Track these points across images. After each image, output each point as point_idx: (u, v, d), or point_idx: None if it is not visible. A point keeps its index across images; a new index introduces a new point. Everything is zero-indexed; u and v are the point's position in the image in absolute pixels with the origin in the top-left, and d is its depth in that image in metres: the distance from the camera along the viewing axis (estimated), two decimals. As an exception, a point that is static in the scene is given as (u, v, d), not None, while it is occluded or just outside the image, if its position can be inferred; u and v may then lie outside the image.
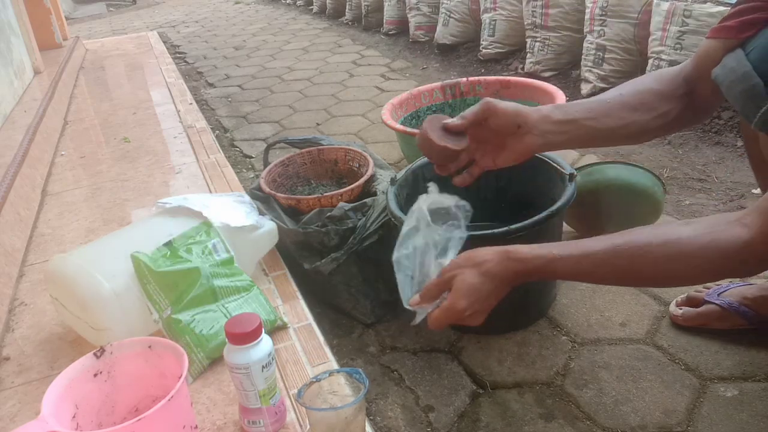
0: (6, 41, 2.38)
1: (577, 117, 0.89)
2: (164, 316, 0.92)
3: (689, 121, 0.94)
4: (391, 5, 3.45)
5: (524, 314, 1.10)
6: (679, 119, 0.91)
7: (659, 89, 0.90)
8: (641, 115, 0.90)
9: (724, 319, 1.01)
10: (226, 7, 5.83)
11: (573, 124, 0.89)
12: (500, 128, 0.89)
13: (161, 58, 3.32)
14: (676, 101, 0.89)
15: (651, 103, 0.90)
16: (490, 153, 0.93)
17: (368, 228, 1.15)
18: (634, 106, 0.90)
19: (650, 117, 0.90)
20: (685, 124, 0.95)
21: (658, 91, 0.90)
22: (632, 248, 0.75)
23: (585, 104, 0.91)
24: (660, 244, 0.74)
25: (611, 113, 0.89)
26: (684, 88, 0.89)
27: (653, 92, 0.90)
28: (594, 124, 0.89)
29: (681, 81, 0.90)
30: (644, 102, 0.90)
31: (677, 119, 0.91)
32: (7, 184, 1.48)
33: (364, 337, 1.13)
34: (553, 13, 2.32)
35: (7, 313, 1.13)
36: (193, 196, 1.13)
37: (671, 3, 1.81)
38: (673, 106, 0.90)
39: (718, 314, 1.01)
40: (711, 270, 0.73)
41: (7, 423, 0.87)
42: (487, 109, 0.88)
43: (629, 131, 0.90)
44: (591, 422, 0.89)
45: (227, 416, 0.85)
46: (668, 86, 0.90)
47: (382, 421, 0.94)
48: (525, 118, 0.87)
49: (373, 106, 2.41)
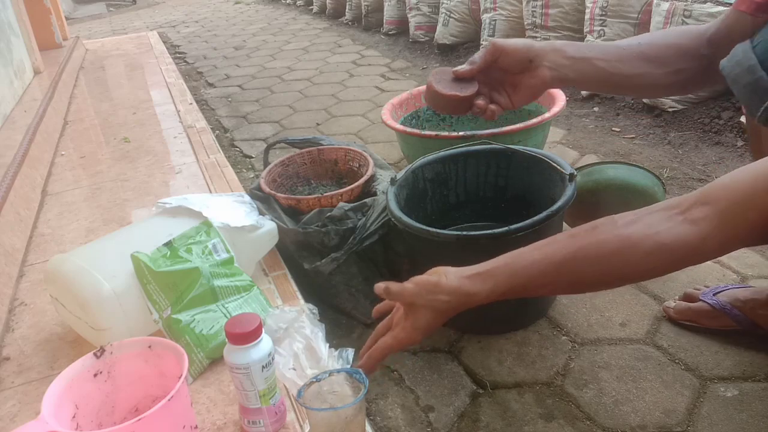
0: (6, 41, 2.38)
1: (589, 56, 0.86)
2: (164, 316, 0.92)
3: (703, 83, 0.91)
4: (391, 5, 3.45)
5: (524, 314, 1.10)
6: (694, 80, 0.89)
7: (680, 44, 0.87)
8: (655, 68, 0.87)
9: (713, 319, 1.01)
10: (226, 7, 5.83)
11: (585, 62, 0.86)
12: (512, 66, 0.86)
13: (161, 58, 3.32)
14: (695, 60, 0.87)
15: (667, 59, 0.87)
16: (506, 94, 0.89)
17: (368, 228, 1.15)
18: (649, 57, 0.87)
19: (664, 72, 0.87)
20: (697, 86, 0.92)
21: (678, 45, 0.87)
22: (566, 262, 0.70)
23: (599, 46, 0.88)
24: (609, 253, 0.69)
25: (624, 59, 0.87)
26: (706, 48, 0.86)
27: (673, 47, 0.87)
28: (606, 66, 0.86)
29: (705, 41, 0.87)
30: (660, 56, 0.87)
31: (691, 80, 0.88)
32: (7, 184, 1.48)
33: (364, 337, 1.12)
34: (553, 13, 2.32)
35: (7, 313, 1.13)
36: (193, 196, 1.13)
37: (671, 3, 1.81)
38: (691, 66, 0.87)
39: (708, 313, 1.02)
40: (661, 270, 0.69)
41: (7, 423, 0.87)
42: (496, 50, 0.85)
43: (640, 82, 0.88)
44: (591, 422, 0.89)
45: (227, 416, 0.85)
46: (691, 42, 0.87)
47: (382, 421, 0.94)
48: (537, 51, 0.85)
49: (373, 106, 2.41)
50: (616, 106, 2.10)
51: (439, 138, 1.49)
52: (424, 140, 1.53)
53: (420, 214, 1.22)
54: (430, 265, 1.11)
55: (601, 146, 1.84)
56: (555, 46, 0.86)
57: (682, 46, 0.87)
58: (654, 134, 1.86)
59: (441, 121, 1.88)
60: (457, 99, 0.86)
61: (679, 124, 1.86)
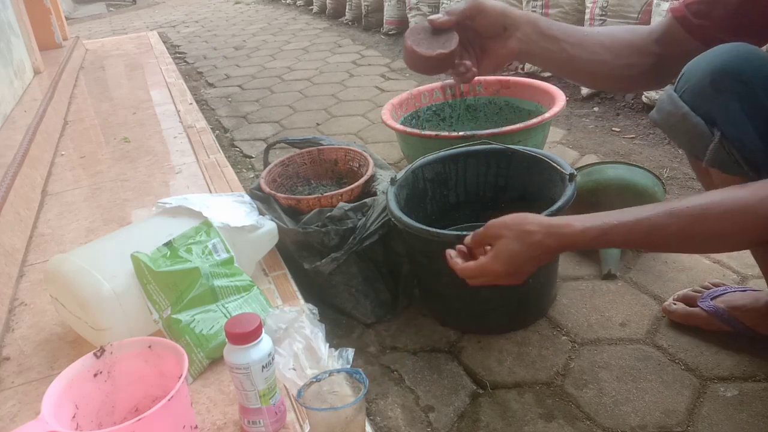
0: (6, 41, 2.38)
1: (557, 36, 0.87)
2: (164, 316, 0.92)
3: (652, 80, 0.93)
4: (391, 5, 3.45)
5: (524, 314, 1.10)
6: (645, 76, 0.91)
7: (633, 39, 0.90)
8: (611, 57, 0.89)
9: (709, 324, 1.02)
10: (226, 7, 5.83)
11: (552, 41, 0.86)
12: (486, 29, 0.85)
13: (161, 58, 3.32)
14: (645, 57, 0.89)
15: (622, 50, 0.89)
16: (474, 58, 0.88)
17: (368, 228, 1.15)
18: (607, 46, 0.89)
19: (619, 63, 0.89)
20: (648, 83, 0.96)
21: (631, 41, 0.89)
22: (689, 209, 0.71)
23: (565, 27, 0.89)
24: (717, 202, 0.70)
25: (585, 44, 0.88)
26: (655, 48, 0.88)
27: (627, 41, 0.90)
28: (568, 48, 0.87)
29: (652, 42, 0.89)
30: (615, 47, 0.89)
31: (642, 75, 0.90)
32: (7, 184, 1.48)
33: (364, 337, 1.13)
34: (553, 13, 2.32)
35: (7, 313, 1.13)
36: (193, 196, 1.13)
37: (671, 3, 1.81)
38: (642, 61, 0.89)
39: (704, 319, 1.02)
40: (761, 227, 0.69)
41: (7, 423, 0.87)
42: (475, 6, 0.84)
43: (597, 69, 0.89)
44: (591, 422, 0.89)
45: (227, 416, 0.85)
46: (642, 40, 0.89)
47: (382, 421, 0.94)
48: (513, 19, 0.85)
49: (373, 106, 2.41)
50: (616, 106, 2.10)
51: (439, 138, 1.49)
52: (424, 140, 1.53)
53: (420, 214, 1.22)
54: (430, 265, 1.11)
55: (601, 146, 1.84)
56: (529, 18, 0.86)
57: (634, 42, 0.89)
58: (654, 134, 1.86)
59: (441, 121, 1.88)
60: (441, 56, 0.83)
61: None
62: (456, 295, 1.07)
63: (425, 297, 1.17)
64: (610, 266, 1.18)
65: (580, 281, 1.20)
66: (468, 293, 1.05)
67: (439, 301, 1.13)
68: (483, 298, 1.04)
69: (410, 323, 1.15)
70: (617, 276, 1.19)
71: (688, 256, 1.24)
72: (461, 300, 1.07)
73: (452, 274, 0.84)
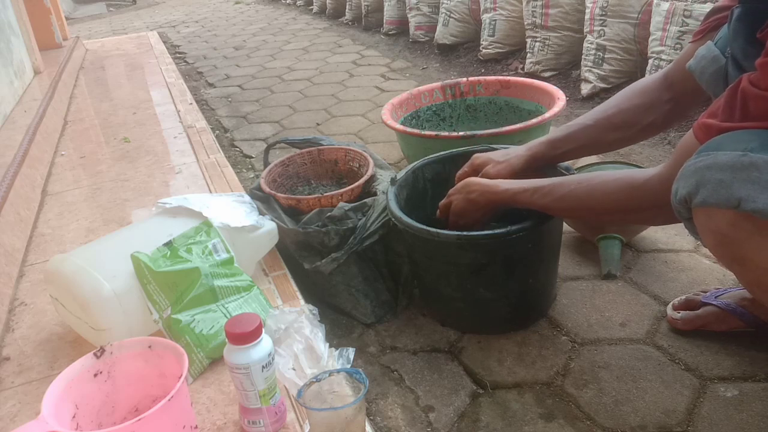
0: (6, 41, 2.38)
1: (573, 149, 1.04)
2: (164, 316, 0.92)
3: (676, 119, 1.01)
4: (391, 5, 3.45)
5: (524, 314, 1.10)
6: (666, 122, 0.98)
7: (642, 102, 0.97)
8: (624, 132, 0.99)
9: (722, 321, 1.01)
10: (226, 7, 5.84)
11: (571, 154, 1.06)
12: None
13: (161, 58, 3.32)
14: (660, 108, 0.96)
15: (634, 119, 0.98)
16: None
17: (368, 228, 1.15)
18: (617, 125, 0.99)
19: (634, 132, 0.99)
20: (670, 126, 1.03)
21: (641, 104, 0.97)
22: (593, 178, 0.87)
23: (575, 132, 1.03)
24: (614, 176, 0.84)
25: (594, 140, 1.02)
26: (668, 93, 0.95)
27: (637, 107, 0.97)
28: (590, 150, 1.07)
29: (664, 86, 0.96)
30: (627, 120, 0.98)
31: (664, 123, 0.98)
32: (7, 184, 1.48)
33: (364, 337, 1.13)
34: (553, 13, 2.32)
35: (7, 313, 1.13)
36: (193, 196, 1.13)
37: (671, 3, 1.81)
38: (658, 115, 0.97)
39: (716, 316, 1.01)
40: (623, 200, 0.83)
41: (7, 423, 0.87)
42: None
43: (617, 146, 1.08)
44: (591, 422, 0.89)
45: (227, 416, 0.85)
46: (651, 96, 0.97)
47: (382, 421, 0.94)
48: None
49: (373, 106, 2.41)
50: (616, 106, 2.10)
51: (439, 138, 1.49)
52: (424, 140, 1.53)
53: (420, 214, 1.22)
54: (430, 265, 1.11)
55: (601, 146, 1.83)
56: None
57: (645, 104, 0.98)
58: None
59: (441, 121, 1.88)
60: None
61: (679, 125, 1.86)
62: (456, 296, 1.07)
63: (425, 297, 1.17)
64: (610, 266, 1.18)
65: (580, 281, 1.20)
66: (468, 293, 1.05)
67: (439, 301, 1.13)
68: (483, 298, 1.04)
69: (410, 323, 1.15)
70: (617, 276, 1.19)
71: (689, 256, 1.24)
72: (461, 300, 1.07)
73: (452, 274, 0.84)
